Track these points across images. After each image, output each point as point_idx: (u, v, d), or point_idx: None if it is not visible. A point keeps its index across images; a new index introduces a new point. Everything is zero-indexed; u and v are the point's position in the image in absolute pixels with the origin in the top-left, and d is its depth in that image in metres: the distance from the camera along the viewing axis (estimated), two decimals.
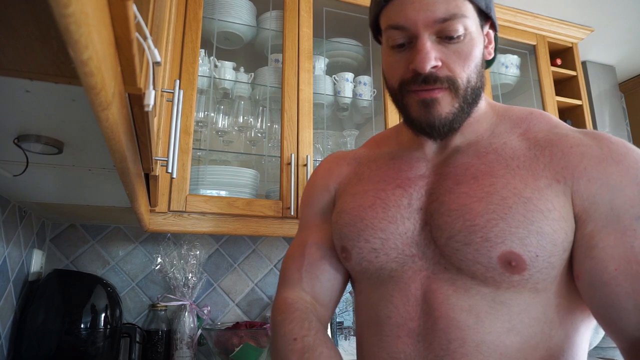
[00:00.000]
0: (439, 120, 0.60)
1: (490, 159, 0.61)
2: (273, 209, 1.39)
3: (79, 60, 0.27)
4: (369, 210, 0.66)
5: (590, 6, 1.95)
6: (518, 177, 0.58)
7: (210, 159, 1.54)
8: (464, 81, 0.60)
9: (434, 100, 0.60)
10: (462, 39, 0.59)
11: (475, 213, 0.57)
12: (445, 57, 0.59)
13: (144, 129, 0.52)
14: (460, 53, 0.59)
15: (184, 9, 1.43)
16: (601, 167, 0.56)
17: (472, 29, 0.60)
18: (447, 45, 0.59)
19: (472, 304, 0.57)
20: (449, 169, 0.64)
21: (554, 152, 0.59)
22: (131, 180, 0.59)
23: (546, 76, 1.96)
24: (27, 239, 1.25)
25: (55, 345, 1.17)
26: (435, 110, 0.60)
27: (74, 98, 0.43)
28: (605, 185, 0.55)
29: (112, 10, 0.30)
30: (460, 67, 0.60)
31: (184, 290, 1.48)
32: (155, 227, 1.27)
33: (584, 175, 0.56)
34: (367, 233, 0.65)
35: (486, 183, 0.59)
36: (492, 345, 0.56)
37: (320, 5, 1.64)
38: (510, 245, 0.54)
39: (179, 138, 0.71)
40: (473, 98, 0.62)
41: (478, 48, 0.61)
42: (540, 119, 0.65)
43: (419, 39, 0.59)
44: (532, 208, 0.55)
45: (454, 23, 0.58)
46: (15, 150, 0.59)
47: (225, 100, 1.62)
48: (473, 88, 0.61)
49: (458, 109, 0.61)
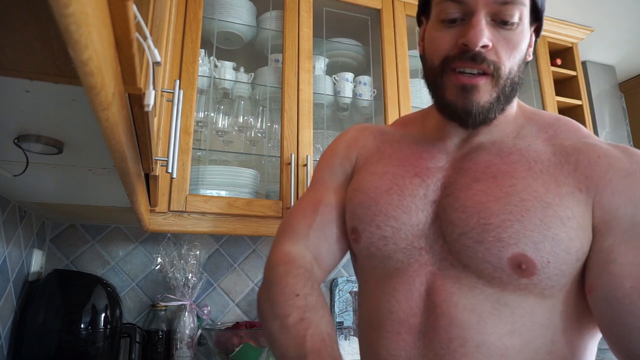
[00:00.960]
0: (477, 108, 0.59)
1: (513, 159, 0.60)
2: (273, 209, 1.39)
3: (79, 60, 0.27)
4: (385, 194, 0.65)
5: (590, 6, 1.95)
6: (540, 181, 0.57)
7: (210, 159, 1.54)
8: (507, 70, 0.59)
9: (474, 86, 0.58)
10: (515, 27, 0.58)
11: (491, 212, 0.56)
12: (495, 42, 0.58)
13: (144, 129, 0.52)
14: (510, 41, 0.58)
15: (184, 9, 1.43)
16: (627, 181, 0.55)
17: (525, 21, 0.60)
18: (499, 30, 0.58)
19: (476, 303, 0.56)
20: (469, 165, 0.62)
21: (580, 160, 0.58)
22: (131, 180, 0.59)
23: (546, 76, 1.96)
24: (27, 239, 1.25)
25: (55, 345, 1.17)
26: (474, 96, 0.58)
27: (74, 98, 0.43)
28: (629, 200, 0.54)
29: (112, 10, 0.30)
30: (507, 55, 0.58)
31: (184, 290, 1.48)
32: (155, 227, 1.27)
33: (608, 187, 0.55)
34: (380, 219, 0.64)
35: (506, 184, 0.58)
36: (492, 347, 0.55)
37: (320, 5, 1.64)
38: (523, 247, 0.54)
39: (179, 138, 0.71)
40: (510, 91, 0.61)
41: (525, 42, 0.61)
42: (569, 126, 0.64)
43: (474, 15, 0.57)
44: (550, 214, 0.54)
45: (513, 8, 0.57)
46: (15, 150, 0.59)
47: (225, 100, 1.62)
48: (512, 80, 0.60)
49: (495, 100, 0.59)
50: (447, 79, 0.60)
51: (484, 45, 0.57)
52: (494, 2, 0.57)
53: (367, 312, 0.66)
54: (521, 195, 0.56)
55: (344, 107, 1.74)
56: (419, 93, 1.76)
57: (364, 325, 0.67)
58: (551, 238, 0.53)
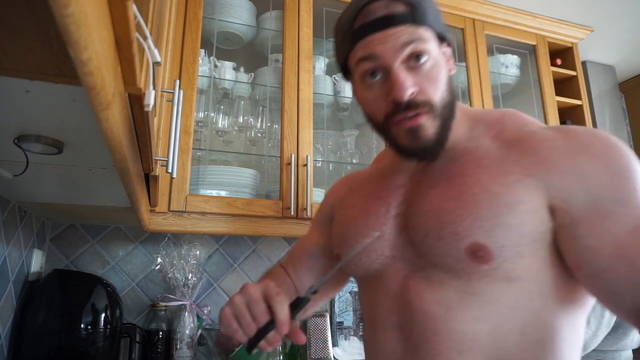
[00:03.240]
0: (428, 143, 0.65)
1: (463, 161, 0.66)
2: (273, 209, 1.39)
3: (79, 60, 0.27)
4: (354, 220, 0.74)
5: (590, 6, 1.95)
6: (487, 175, 0.62)
7: (210, 159, 1.54)
8: (439, 101, 0.64)
9: (419, 126, 0.63)
10: (428, 61, 0.63)
11: (447, 211, 0.62)
12: (419, 82, 0.63)
13: (144, 129, 0.52)
14: (430, 75, 0.64)
15: (184, 9, 1.43)
16: (571, 158, 0.59)
17: (434, 52, 0.65)
18: (417, 70, 0.63)
19: (445, 296, 0.62)
20: (425, 176, 0.69)
21: (524, 149, 0.62)
22: (131, 180, 0.59)
23: (546, 76, 1.96)
24: (27, 239, 1.25)
25: (55, 345, 1.17)
26: (422, 135, 0.64)
27: (74, 98, 0.43)
28: (578, 176, 0.58)
29: (112, 10, 0.30)
30: (433, 89, 0.64)
31: (184, 290, 1.48)
32: (155, 227, 1.27)
33: (555, 169, 0.59)
34: (352, 240, 0.72)
35: (458, 182, 0.63)
36: (462, 333, 0.60)
37: (320, 5, 1.64)
38: (477, 237, 0.58)
39: (179, 138, 0.71)
40: (449, 113, 0.66)
41: (442, 66, 0.66)
42: (513, 119, 0.68)
43: (391, 70, 0.63)
44: (499, 203, 0.59)
45: (417, 47, 0.62)
46: (15, 150, 0.59)
47: (225, 100, 1.62)
48: (447, 104, 0.65)
49: (440, 127, 0.65)
50: (395, 129, 0.66)
51: (411, 93, 0.62)
52: (400, 49, 0.62)
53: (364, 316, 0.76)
54: (471, 191, 0.61)
55: (344, 107, 1.74)
56: None
57: (364, 326, 0.76)
58: (502, 224, 0.58)
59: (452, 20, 1.83)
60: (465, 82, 1.83)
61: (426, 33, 0.64)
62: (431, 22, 0.65)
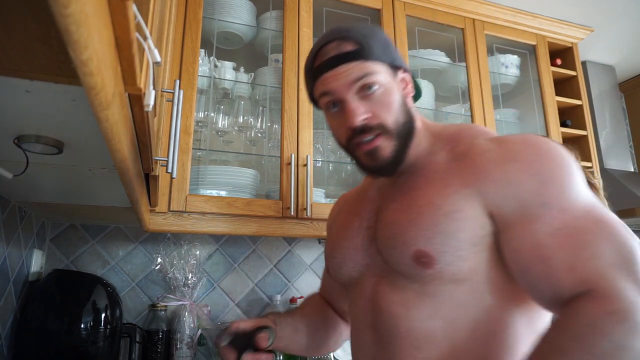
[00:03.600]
0: (386, 162, 0.73)
1: (419, 175, 0.74)
2: (273, 209, 1.39)
3: (79, 60, 0.27)
4: (336, 235, 0.85)
5: (590, 6, 1.95)
6: (433, 187, 0.69)
7: (210, 159, 1.54)
8: (392, 123, 0.72)
9: (375, 148, 0.72)
10: (378, 89, 0.71)
11: (399, 223, 0.70)
12: (372, 108, 0.71)
13: (144, 129, 0.52)
14: (381, 102, 0.71)
15: (184, 9, 1.43)
16: (502, 167, 0.65)
17: (385, 80, 0.72)
18: (369, 99, 0.71)
19: (405, 297, 0.69)
20: (390, 190, 0.77)
21: (464, 161, 0.69)
22: (131, 180, 0.59)
23: (546, 76, 1.96)
24: (27, 239, 1.25)
25: (55, 345, 1.17)
26: (380, 155, 0.72)
27: (74, 98, 0.43)
28: (507, 183, 0.64)
29: (112, 10, 0.30)
30: (386, 113, 0.71)
31: (184, 290, 1.48)
32: (155, 227, 1.27)
33: (488, 178, 0.65)
34: (334, 252, 0.83)
35: (409, 196, 0.72)
36: (418, 330, 0.67)
37: (320, 5, 1.64)
38: (420, 245, 0.66)
39: (179, 138, 0.71)
40: (407, 132, 0.74)
41: (395, 94, 0.73)
42: (467, 132, 0.74)
43: (345, 102, 0.71)
44: (438, 212, 0.66)
45: (367, 80, 0.70)
46: (15, 150, 0.59)
47: (225, 100, 1.62)
48: (403, 125, 0.73)
49: (398, 146, 0.73)
50: (356, 152, 0.74)
51: (364, 119, 0.70)
52: (351, 84, 0.71)
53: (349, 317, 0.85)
54: (418, 203, 0.69)
55: None
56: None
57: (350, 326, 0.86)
58: (440, 232, 0.65)
59: (452, 20, 1.83)
60: (465, 82, 1.83)
61: (375, 66, 0.72)
62: (379, 56, 0.72)
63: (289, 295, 1.68)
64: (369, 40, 0.73)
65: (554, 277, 0.58)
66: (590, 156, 1.99)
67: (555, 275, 0.58)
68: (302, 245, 1.78)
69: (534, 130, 1.92)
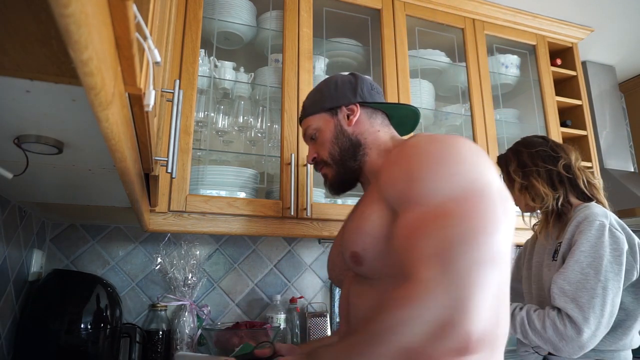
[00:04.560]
0: (331, 185, 0.96)
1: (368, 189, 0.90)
2: (273, 209, 1.39)
3: (79, 60, 0.27)
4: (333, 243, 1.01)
5: (590, 6, 1.95)
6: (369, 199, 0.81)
7: (210, 159, 1.54)
8: (328, 156, 0.94)
9: (324, 175, 0.98)
10: (317, 135, 0.96)
11: (348, 232, 0.84)
12: (316, 149, 0.97)
13: (144, 129, 0.52)
14: (320, 143, 0.96)
15: (184, 9, 1.43)
16: (388, 170, 0.77)
17: (320, 125, 0.96)
18: (315, 143, 0.97)
19: (361, 290, 0.81)
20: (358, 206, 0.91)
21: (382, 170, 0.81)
22: (131, 180, 0.59)
23: (546, 76, 1.96)
24: (27, 239, 1.25)
25: (55, 345, 1.17)
26: (327, 180, 0.97)
27: (74, 98, 0.43)
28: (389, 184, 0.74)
29: (112, 10, 0.30)
30: (324, 150, 0.95)
31: (184, 290, 1.48)
32: (155, 227, 1.27)
33: (382, 180, 0.77)
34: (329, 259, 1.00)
35: (358, 210, 0.85)
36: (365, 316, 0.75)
37: (320, 5, 1.64)
38: (352, 247, 0.79)
39: (179, 138, 0.71)
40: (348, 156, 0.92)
41: (328, 132, 0.94)
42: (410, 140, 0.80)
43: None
44: (361, 217, 0.79)
45: (308, 132, 0.98)
46: (15, 150, 0.59)
47: (225, 100, 1.62)
48: (340, 153, 0.93)
49: (339, 171, 0.93)
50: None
51: (313, 158, 0.98)
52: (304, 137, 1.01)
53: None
54: (356, 215, 0.84)
55: None
56: (418, 93, 1.76)
57: None
58: (361, 234, 0.77)
59: (452, 20, 1.83)
60: (465, 82, 1.83)
61: (311, 119, 0.97)
62: (312, 111, 0.97)
63: (289, 295, 1.68)
64: (307, 101, 0.99)
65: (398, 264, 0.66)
66: (590, 156, 1.99)
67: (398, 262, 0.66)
68: (302, 245, 1.78)
69: (534, 130, 1.92)
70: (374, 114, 0.95)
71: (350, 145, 0.92)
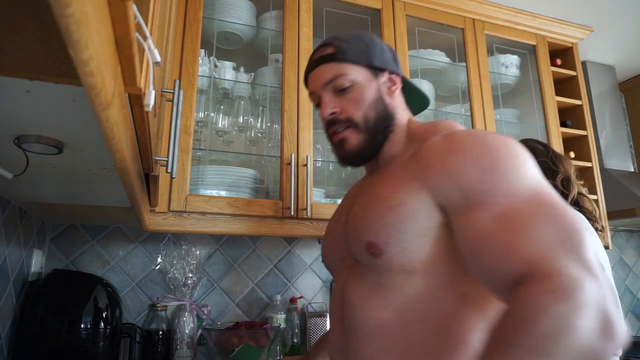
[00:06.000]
0: (352, 153, 0.81)
1: (385, 171, 0.78)
2: (273, 209, 1.39)
3: (79, 60, 0.27)
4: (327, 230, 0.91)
5: (590, 6, 1.95)
6: (387, 183, 0.73)
7: (210, 159, 1.54)
8: (361, 118, 0.79)
9: (342, 139, 0.81)
10: (351, 89, 0.80)
11: (357, 217, 0.75)
12: (342, 105, 0.80)
13: (144, 129, 0.52)
14: (352, 99, 0.80)
15: (184, 9, 1.43)
16: (442, 159, 0.67)
17: (359, 79, 0.80)
18: (341, 96, 0.80)
19: (363, 288, 0.72)
20: (365, 187, 0.82)
21: (416, 157, 0.72)
22: (131, 180, 0.59)
23: (546, 76, 1.96)
24: (27, 239, 1.25)
25: (55, 345, 1.17)
26: (346, 146, 0.81)
27: (74, 98, 0.43)
28: (449, 174, 0.65)
29: (112, 10, 0.30)
30: (355, 109, 0.79)
31: (184, 290, 1.48)
32: (155, 227, 1.27)
33: (432, 171, 0.67)
34: (324, 244, 0.90)
35: (371, 192, 0.76)
36: (372, 320, 0.70)
37: (320, 5, 1.64)
38: (369, 236, 0.70)
39: (179, 138, 0.71)
40: (379, 128, 0.80)
41: (369, 92, 0.80)
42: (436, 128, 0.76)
43: (320, 98, 0.82)
44: (384, 205, 0.70)
45: (339, 80, 0.80)
46: (15, 150, 0.59)
47: (225, 100, 1.62)
48: (375, 121, 0.80)
49: (366, 139, 0.80)
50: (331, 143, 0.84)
51: (332, 113, 0.80)
52: (325, 84, 0.81)
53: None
54: (371, 198, 0.74)
55: None
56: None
57: None
58: (384, 224, 0.68)
59: (452, 20, 1.83)
60: (465, 82, 1.83)
61: (349, 67, 0.80)
62: (356, 59, 0.81)
63: (289, 295, 1.68)
64: (347, 45, 0.81)
65: (497, 261, 0.57)
66: (590, 156, 1.99)
67: (498, 259, 0.57)
68: (302, 245, 1.78)
69: (534, 130, 1.92)
70: (401, 94, 0.87)
71: (385, 117, 0.81)
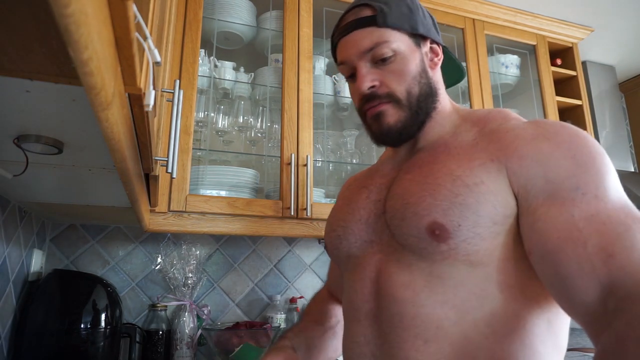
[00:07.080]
0: (389, 129, 0.70)
1: (439, 151, 0.68)
2: (273, 209, 1.39)
3: (79, 60, 0.27)
4: (338, 210, 0.79)
5: (590, 6, 1.95)
6: (454, 160, 0.64)
7: (210, 159, 1.54)
8: (403, 93, 0.69)
9: (380, 113, 0.70)
10: (393, 59, 0.69)
11: (411, 193, 0.64)
12: (382, 77, 0.70)
13: (144, 129, 0.52)
14: (394, 71, 0.69)
15: (184, 9, 1.43)
16: (532, 144, 0.60)
17: (402, 49, 0.70)
18: (381, 67, 0.70)
19: (411, 279, 0.61)
20: (407, 165, 0.72)
21: (492, 138, 0.64)
22: (131, 180, 0.59)
23: (546, 76, 1.96)
24: (27, 239, 1.25)
25: (55, 345, 1.17)
26: (384, 121, 0.70)
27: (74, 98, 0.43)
28: (536, 160, 0.58)
29: (112, 10, 0.30)
30: (397, 82, 0.69)
31: (184, 290, 1.48)
32: (155, 227, 1.27)
33: (515, 154, 0.60)
34: (334, 224, 0.76)
35: (426, 169, 0.66)
36: (426, 318, 0.59)
37: (320, 5, 1.64)
38: (435, 216, 0.59)
39: (179, 138, 0.71)
40: (423, 104, 0.71)
41: (413, 63, 0.70)
42: (497, 116, 0.69)
43: (356, 68, 0.71)
44: (459, 183, 0.60)
45: (380, 49, 0.68)
46: (15, 150, 0.59)
47: (225, 100, 1.62)
48: (418, 97, 0.70)
49: (407, 117, 0.70)
50: (366, 118, 0.73)
51: (372, 87, 0.70)
52: (363, 53, 0.69)
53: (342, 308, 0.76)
54: (436, 175, 0.63)
55: (344, 107, 1.74)
56: None
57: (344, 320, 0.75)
58: (459, 204, 0.59)
59: (452, 20, 1.83)
60: (465, 82, 1.83)
61: (391, 33, 0.69)
62: (398, 24, 0.69)
63: (289, 295, 1.68)
64: (388, 7, 0.69)
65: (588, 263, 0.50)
66: None
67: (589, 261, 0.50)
68: (302, 245, 1.78)
69: None
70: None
71: (429, 93, 0.71)
